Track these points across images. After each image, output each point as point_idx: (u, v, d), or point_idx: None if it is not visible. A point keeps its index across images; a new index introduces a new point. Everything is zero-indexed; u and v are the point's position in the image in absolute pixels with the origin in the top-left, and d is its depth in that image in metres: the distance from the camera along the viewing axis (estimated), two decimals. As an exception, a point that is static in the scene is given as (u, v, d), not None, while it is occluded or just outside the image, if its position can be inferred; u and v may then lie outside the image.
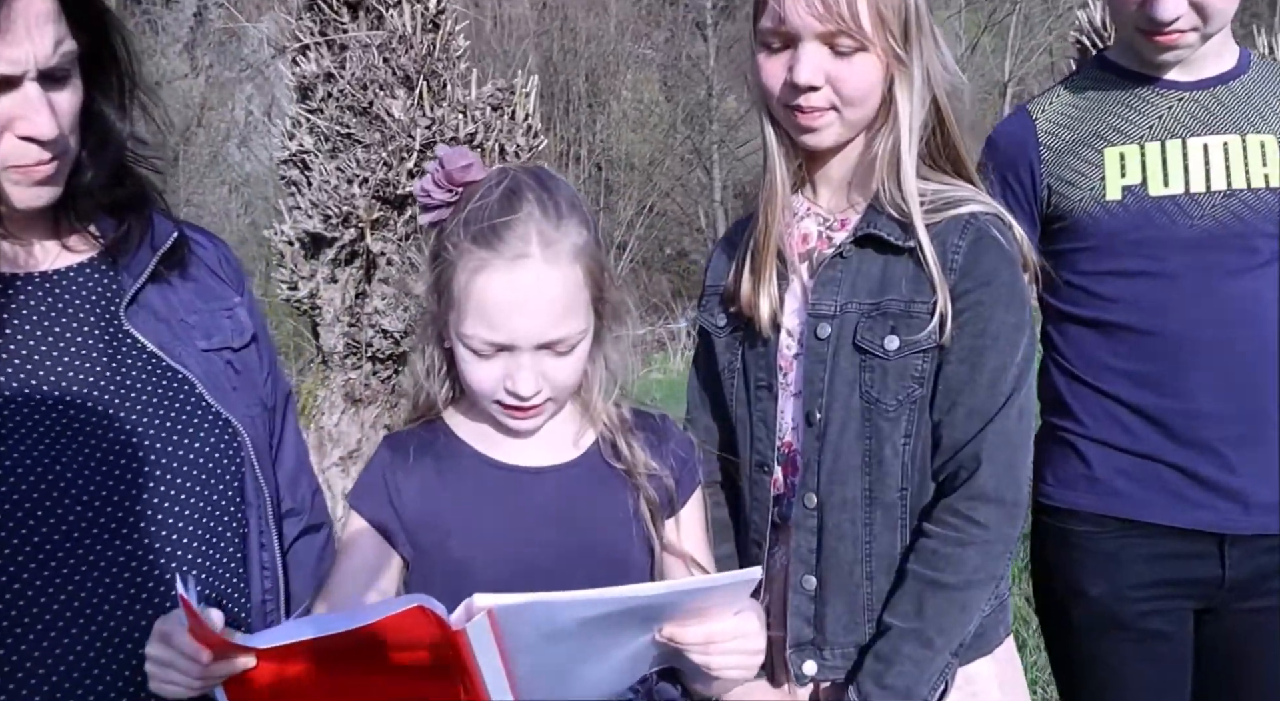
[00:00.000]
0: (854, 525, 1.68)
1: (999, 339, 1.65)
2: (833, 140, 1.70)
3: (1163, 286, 1.92)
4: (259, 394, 1.61)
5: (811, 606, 1.70)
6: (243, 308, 1.62)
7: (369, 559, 1.55)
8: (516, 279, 1.45)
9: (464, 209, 1.48)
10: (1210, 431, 1.92)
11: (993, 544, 1.64)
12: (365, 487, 1.57)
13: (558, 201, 1.49)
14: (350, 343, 3.62)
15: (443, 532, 1.53)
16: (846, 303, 1.68)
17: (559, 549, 1.54)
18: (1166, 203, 1.93)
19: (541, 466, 1.58)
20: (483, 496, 1.56)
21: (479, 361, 1.49)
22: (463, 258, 1.45)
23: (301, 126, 3.76)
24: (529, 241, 1.45)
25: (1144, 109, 1.99)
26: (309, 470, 1.70)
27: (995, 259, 1.65)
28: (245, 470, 1.53)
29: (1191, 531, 1.93)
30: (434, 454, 1.58)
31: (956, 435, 1.65)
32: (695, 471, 1.65)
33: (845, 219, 1.76)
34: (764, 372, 1.75)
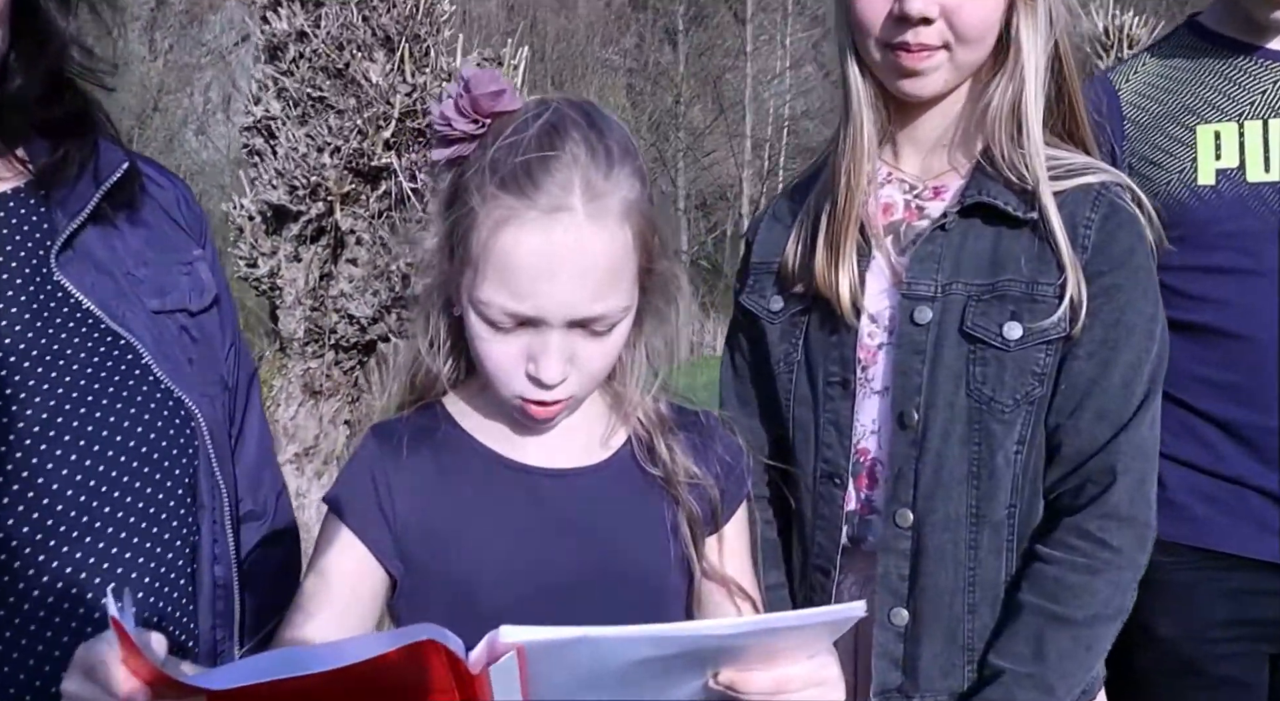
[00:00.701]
0: (956, 547, 1.41)
1: (1134, 331, 1.39)
2: (938, 87, 1.43)
3: (1258, 286, 1.69)
4: (219, 369, 1.32)
5: (901, 645, 1.43)
6: (204, 263, 1.33)
7: (349, 576, 1.26)
8: (553, 237, 1.16)
9: (492, 145, 1.20)
10: None
11: (1124, 571, 1.38)
12: (348, 487, 1.28)
13: (609, 145, 1.21)
14: (312, 328, 3.31)
15: (442, 544, 1.25)
16: (950, 283, 1.42)
17: (582, 568, 1.26)
18: (1266, 190, 1.70)
19: (564, 468, 1.30)
20: (492, 501, 1.27)
21: (496, 336, 1.20)
22: (486, 205, 1.17)
23: (269, 90, 3.45)
24: (571, 191, 1.16)
25: (1245, 82, 1.75)
26: (274, 466, 1.41)
27: (1131, 237, 1.40)
28: (199, 463, 1.24)
29: (1273, 565, 1.71)
30: (433, 447, 1.29)
31: (1081, 443, 1.39)
32: (743, 481, 1.38)
33: (940, 186, 1.49)
34: (837, 365, 1.48)
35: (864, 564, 1.50)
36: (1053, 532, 1.41)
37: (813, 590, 1.52)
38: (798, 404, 1.53)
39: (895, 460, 1.43)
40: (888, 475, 1.45)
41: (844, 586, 1.51)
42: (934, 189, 1.50)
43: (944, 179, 1.49)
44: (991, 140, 1.43)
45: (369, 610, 1.27)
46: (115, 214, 1.26)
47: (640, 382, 1.33)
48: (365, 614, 1.27)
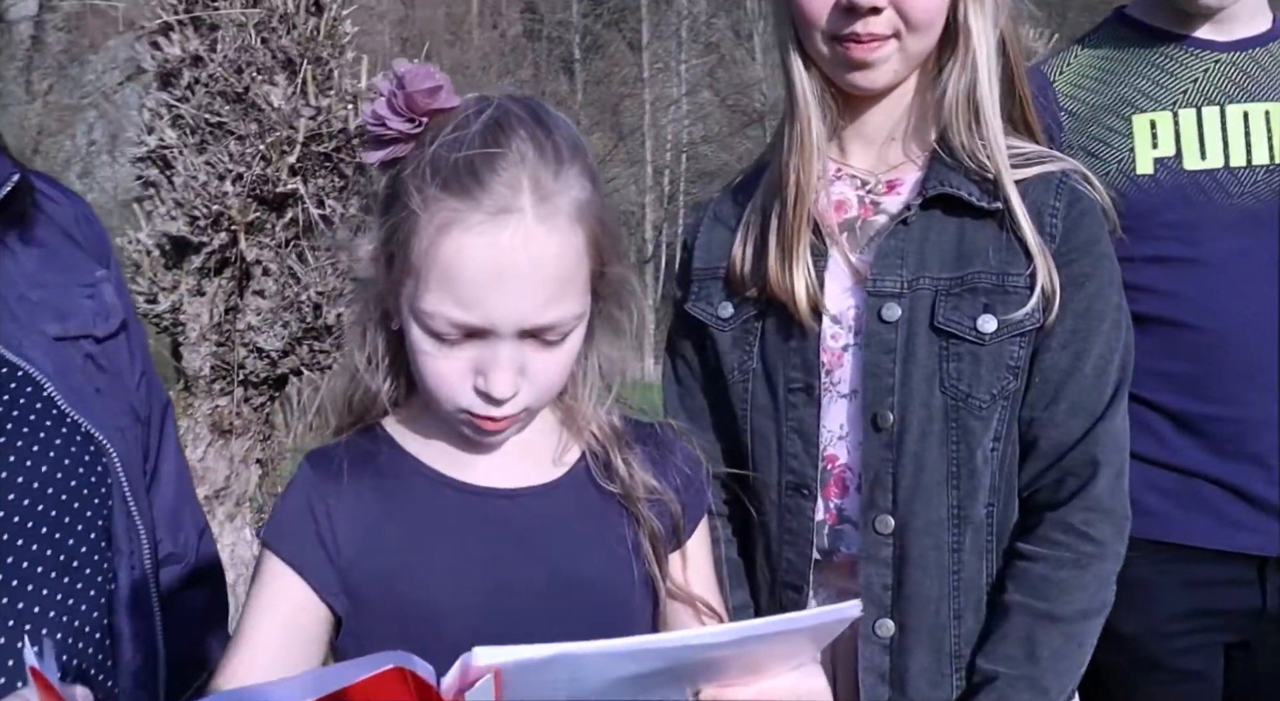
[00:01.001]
0: (940, 552, 1.36)
1: (1104, 320, 1.36)
2: (889, 79, 1.39)
3: (1201, 275, 1.69)
4: (130, 400, 1.21)
5: (887, 658, 1.37)
6: (109, 284, 1.22)
7: (290, 616, 1.15)
8: (500, 241, 1.08)
9: (431, 145, 1.11)
10: (1258, 442, 1.68)
11: (1107, 563, 1.35)
12: (285, 520, 1.17)
13: (557, 142, 1.13)
14: (219, 365, 3.17)
15: (391, 575, 1.16)
16: (916, 278, 1.37)
17: (543, 591, 1.17)
18: (1204, 178, 1.70)
19: (516, 487, 1.22)
20: (443, 526, 1.18)
21: (441, 350, 1.12)
22: (428, 209, 1.09)
23: (163, 118, 3.30)
24: (519, 191, 1.09)
25: (1176, 71, 1.75)
26: (193, 503, 1.30)
27: (1095, 225, 1.37)
28: (114, 503, 1.13)
29: (1231, 555, 1.70)
30: (375, 472, 1.20)
31: (1058, 436, 1.35)
32: (704, 494, 1.31)
33: (894, 180, 1.45)
34: (799, 371, 1.42)
35: (836, 577, 1.44)
36: (1035, 529, 1.37)
37: (782, 608, 1.45)
38: (756, 413, 1.47)
39: (871, 465, 1.38)
40: (860, 482, 1.39)
41: (816, 602, 1.45)
42: (888, 183, 1.46)
43: (897, 172, 1.45)
44: (949, 130, 1.39)
45: (313, 651, 1.18)
46: (5, 232, 1.15)
47: (593, 395, 1.26)
48: (309, 655, 1.17)
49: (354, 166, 3.18)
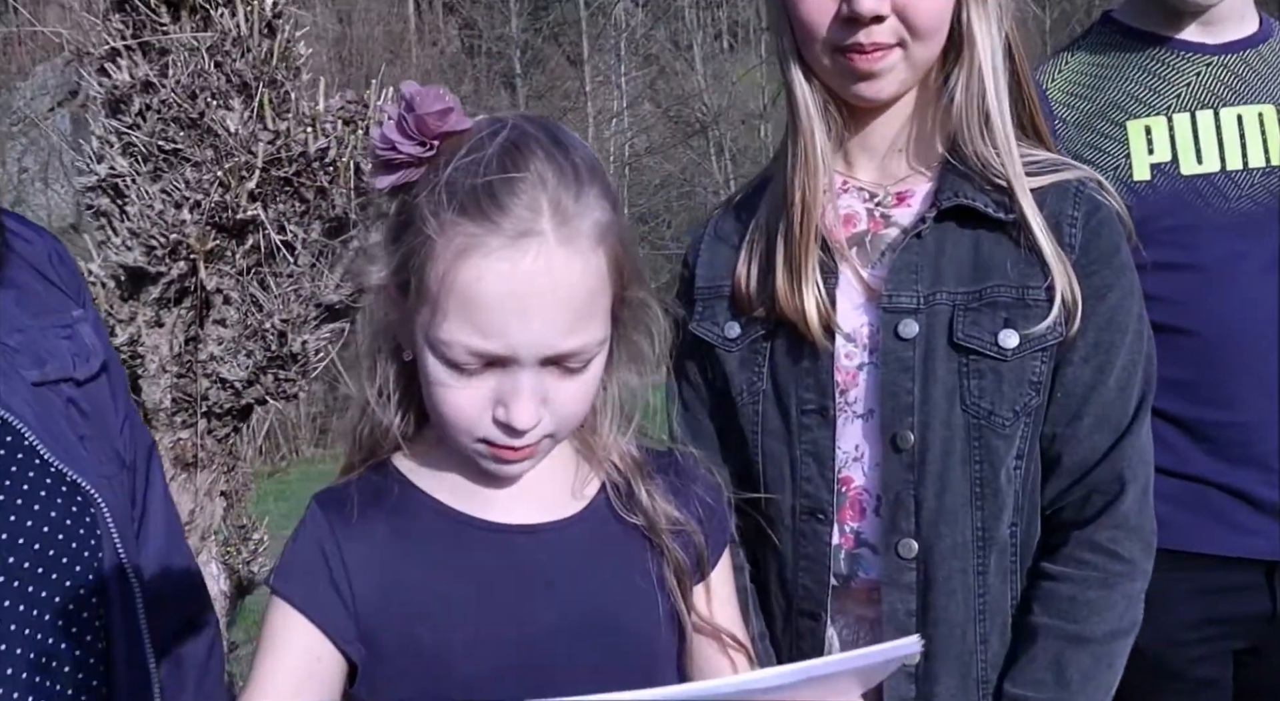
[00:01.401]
0: (965, 575, 1.34)
1: (1127, 332, 1.34)
2: (895, 88, 1.37)
3: (1199, 280, 1.68)
4: (115, 445, 1.15)
5: (913, 686, 1.34)
6: (86, 324, 1.16)
7: (303, 667, 1.10)
8: (521, 266, 1.05)
9: (446, 167, 1.07)
10: (1261, 444, 1.68)
11: (1136, 582, 1.33)
12: (295, 565, 1.12)
13: (575, 163, 1.10)
14: (180, 397, 3.08)
15: (409, 619, 1.11)
16: (933, 293, 1.34)
17: (567, 630, 1.13)
18: (1200, 182, 1.70)
19: (536, 523, 1.17)
20: (461, 565, 1.14)
21: (459, 380, 1.07)
22: (444, 234, 1.05)
23: (113, 146, 3.21)
24: (539, 214, 1.05)
25: (1168, 76, 1.75)
26: (182, 547, 1.23)
27: (1115, 235, 1.36)
28: (104, 554, 1.06)
29: (1239, 560, 1.69)
30: (388, 512, 1.15)
31: (1083, 452, 1.33)
32: (726, 523, 1.28)
33: (904, 192, 1.42)
34: (812, 392, 1.39)
35: (855, 604, 1.41)
36: (1061, 549, 1.35)
37: (799, 637, 1.41)
38: (767, 436, 1.43)
39: (891, 487, 1.34)
40: (879, 504, 1.36)
41: (835, 629, 1.41)
42: (897, 195, 1.43)
43: (907, 184, 1.43)
44: (960, 138, 1.37)
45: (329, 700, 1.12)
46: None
47: (614, 424, 1.22)
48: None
49: (315, 191, 3.11)
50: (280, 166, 3.02)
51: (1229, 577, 1.71)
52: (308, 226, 3.13)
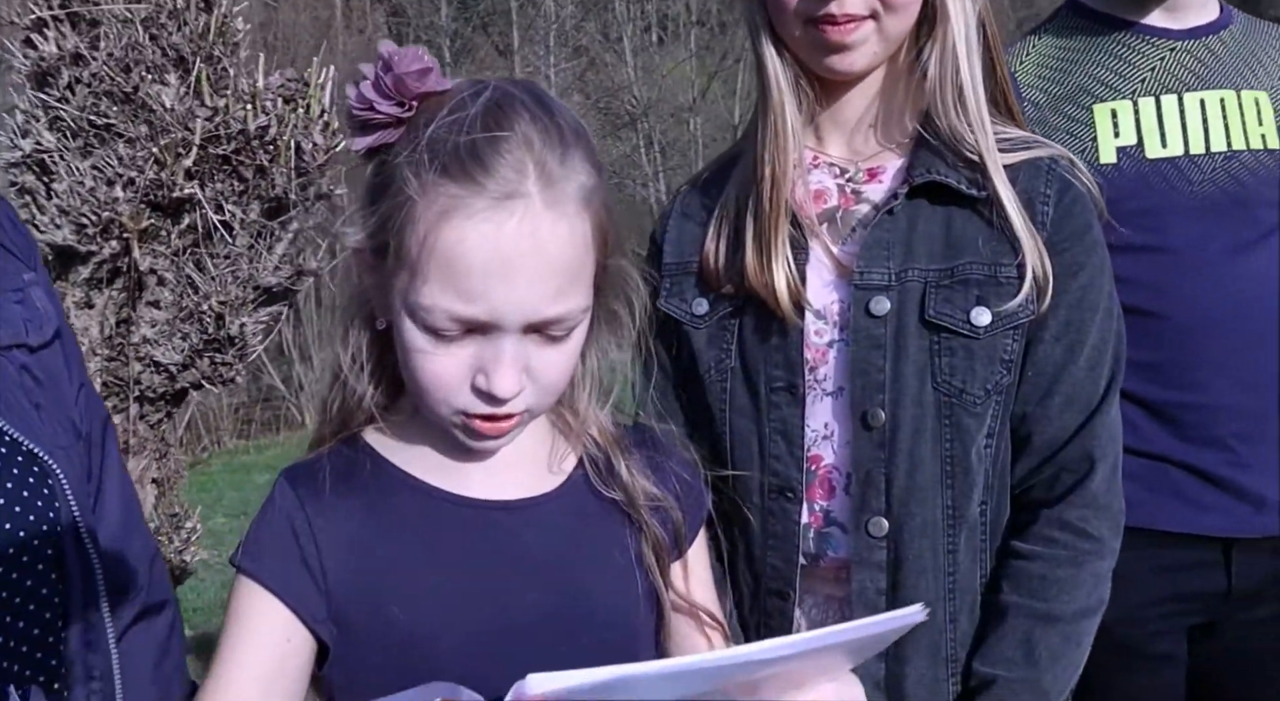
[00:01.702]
0: (935, 554, 1.33)
1: (1097, 310, 1.35)
2: (868, 61, 1.36)
3: (1164, 262, 1.71)
4: (70, 414, 1.09)
5: (882, 665, 1.33)
6: (39, 288, 1.11)
7: (273, 647, 1.06)
8: (506, 228, 1.01)
9: (427, 127, 1.04)
10: (1223, 426, 1.70)
11: (1104, 560, 1.34)
12: (264, 543, 1.08)
13: (560, 126, 1.07)
14: (112, 380, 2.99)
15: (384, 598, 1.07)
16: (904, 270, 1.34)
17: (546, 609, 1.11)
18: (1165, 166, 1.72)
19: (512, 499, 1.14)
20: (437, 542, 1.10)
21: (439, 347, 1.04)
22: (426, 195, 1.01)
23: (39, 121, 3.10)
24: (525, 175, 1.02)
25: (1133, 59, 1.77)
26: (142, 529, 1.18)
27: (1087, 213, 1.36)
28: (62, 527, 1.01)
29: (1197, 538, 1.72)
30: (359, 486, 1.11)
31: (1053, 431, 1.33)
32: (703, 499, 1.26)
33: (875, 168, 1.41)
34: (781, 369, 1.37)
35: (823, 583, 1.40)
36: (1030, 527, 1.35)
37: (768, 616, 1.40)
38: (735, 413, 1.42)
39: (861, 465, 1.34)
40: (849, 483, 1.35)
41: (803, 609, 1.40)
42: (869, 171, 1.42)
43: (878, 160, 1.42)
44: (934, 112, 1.36)
45: (299, 684, 1.09)
46: None
47: (593, 397, 1.19)
48: (295, 689, 1.08)
49: (254, 170, 3.03)
50: (218, 144, 2.94)
51: (1188, 555, 1.73)
52: (246, 206, 3.04)
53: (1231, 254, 1.71)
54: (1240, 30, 1.79)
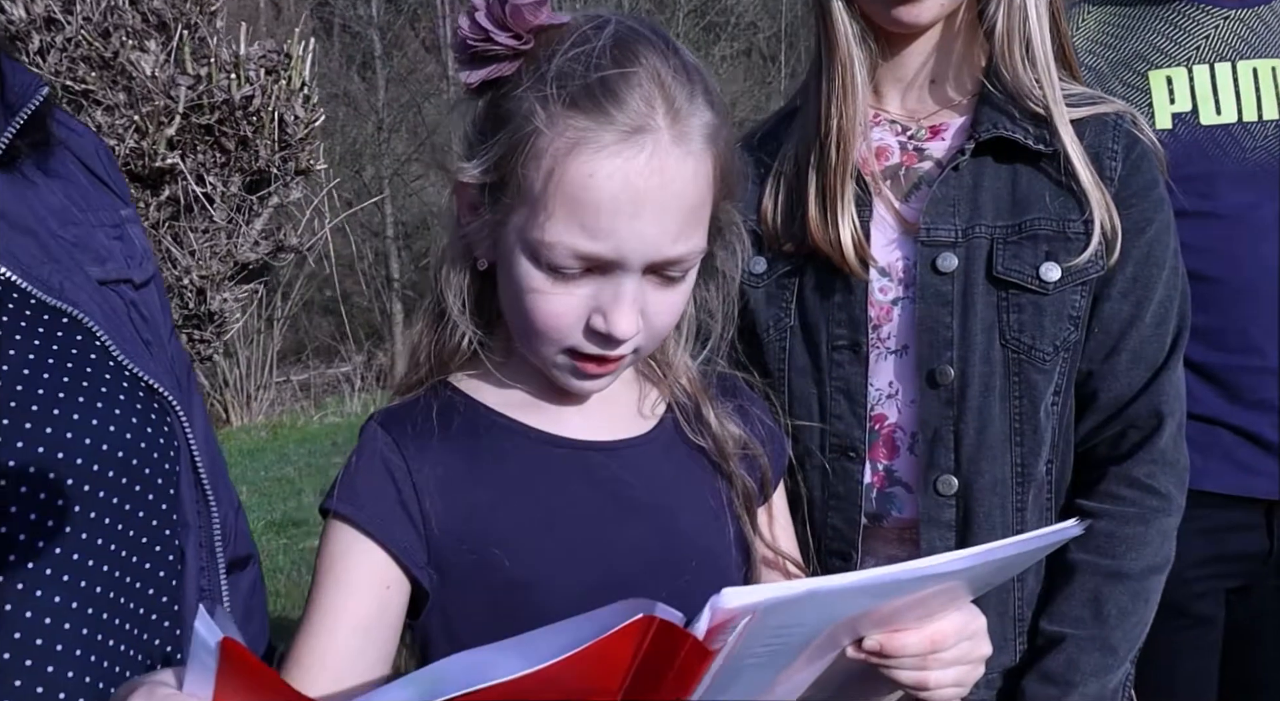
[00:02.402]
0: (1005, 512, 1.33)
1: (1164, 267, 1.35)
2: (935, 13, 1.35)
3: (1216, 227, 1.73)
4: (167, 357, 1.05)
5: None
6: (136, 225, 1.06)
7: (372, 593, 1.02)
8: (636, 163, 0.98)
9: (550, 60, 1.01)
10: (1274, 389, 1.74)
11: (1172, 517, 1.34)
12: (360, 487, 1.04)
13: (685, 62, 1.05)
14: (85, 357, 2.87)
15: (489, 542, 1.04)
16: (971, 226, 1.33)
17: (648, 553, 1.09)
18: (1219, 132, 1.75)
19: (611, 440, 1.12)
20: (541, 484, 1.08)
21: (557, 286, 1.01)
22: (553, 127, 0.98)
23: (7, 87, 2.98)
24: (655, 108, 1.00)
25: (1188, 27, 1.80)
26: (226, 479, 1.14)
27: (1154, 169, 1.36)
28: (181, 468, 0.97)
29: (1241, 499, 1.74)
30: (456, 430, 1.08)
31: (1119, 388, 1.34)
32: (785, 446, 1.25)
33: (939, 125, 1.41)
34: (845, 327, 1.36)
35: (885, 544, 1.40)
36: (1097, 485, 1.35)
37: None
38: (794, 373, 1.41)
39: (929, 423, 1.33)
40: (914, 442, 1.35)
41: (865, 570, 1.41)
42: (931, 129, 1.42)
43: (940, 117, 1.42)
44: (1001, 66, 1.36)
45: (395, 631, 1.06)
46: (25, 158, 0.97)
47: (688, 344, 1.18)
48: (392, 636, 1.05)
49: (237, 141, 2.97)
50: (201, 113, 2.87)
51: (1232, 517, 1.76)
52: (227, 179, 2.98)
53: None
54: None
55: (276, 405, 15.05)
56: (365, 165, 21.69)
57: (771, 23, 20.84)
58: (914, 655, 0.99)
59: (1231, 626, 1.81)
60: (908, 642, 0.99)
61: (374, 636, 1.04)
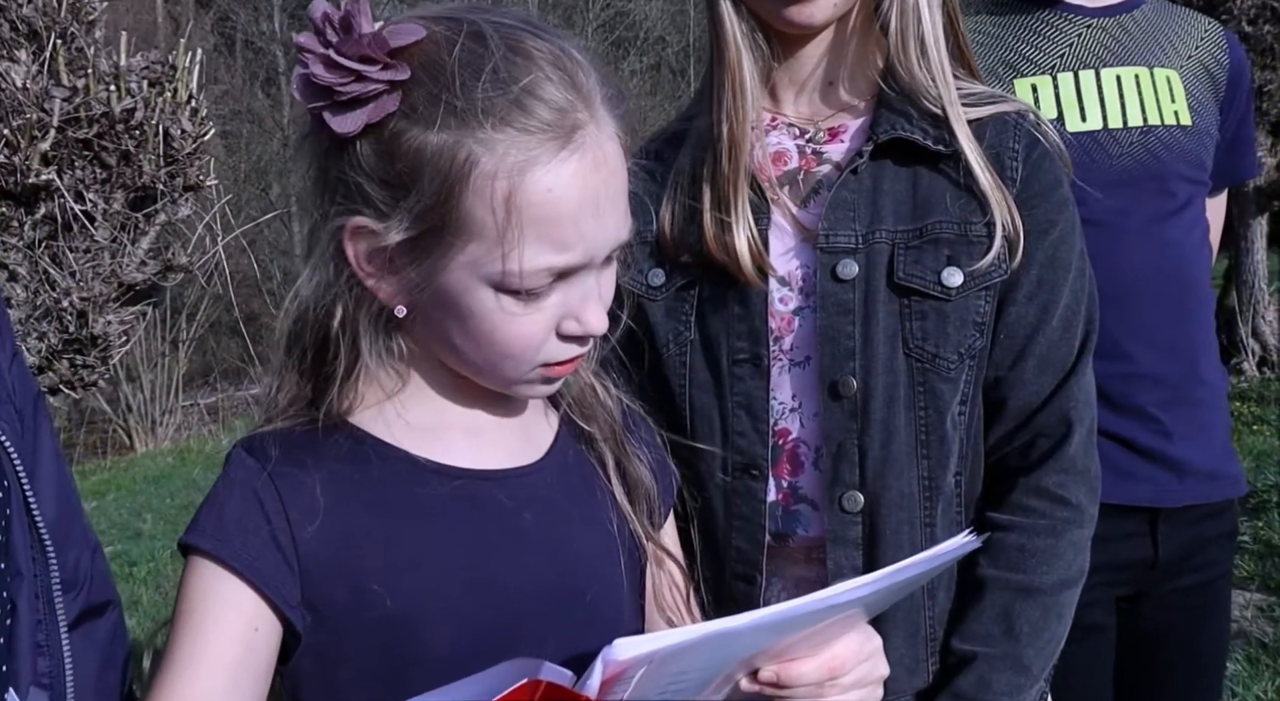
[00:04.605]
0: (913, 528, 1.28)
1: (1069, 269, 1.32)
2: (828, 13, 1.31)
3: (1086, 234, 1.73)
4: (5, 388, 0.96)
5: None
6: None
7: (240, 636, 0.94)
8: (585, 162, 0.95)
9: (446, 86, 0.94)
10: (1146, 395, 1.74)
11: (1084, 528, 1.31)
12: (227, 520, 0.95)
13: (555, 39, 1.00)
14: (-43, 386, 2.71)
15: (362, 575, 0.97)
16: (871, 231, 1.29)
17: (540, 587, 1.03)
18: (1085, 139, 1.75)
19: (501, 468, 1.06)
20: (421, 515, 1.01)
21: (527, 306, 0.97)
22: (492, 153, 0.92)
23: None
24: (573, 102, 0.95)
25: (1052, 36, 1.81)
26: (80, 515, 1.04)
27: (1056, 169, 1.34)
28: (11, 512, 0.88)
29: (1125, 508, 1.74)
30: (331, 457, 1.01)
31: (1027, 395, 1.30)
32: (671, 472, 1.20)
33: (836, 127, 1.37)
34: (745, 340, 1.31)
35: (791, 564, 1.35)
36: (1006, 496, 1.31)
37: (734, 601, 1.34)
38: (695, 388, 1.35)
39: (833, 437, 1.28)
40: (818, 457, 1.30)
41: (771, 593, 1.35)
42: (829, 131, 1.38)
43: (838, 119, 1.38)
44: (896, 65, 1.32)
45: (265, 677, 0.97)
46: None
47: (590, 361, 1.12)
48: (262, 682, 0.97)
49: (118, 156, 2.83)
50: (79, 127, 2.73)
51: (1115, 525, 1.76)
52: (109, 195, 2.84)
53: (1151, 225, 1.76)
54: (1151, 10, 1.86)
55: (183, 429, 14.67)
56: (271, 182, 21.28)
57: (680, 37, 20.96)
58: (811, 683, 0.95)
59: (1124, 634, 1.81)
60: (804, 671, 0.95)
61: (241, 684, 0.95)
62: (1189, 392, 1.78)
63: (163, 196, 2.88)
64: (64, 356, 2.80)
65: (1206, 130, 1.83)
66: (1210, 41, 1.88)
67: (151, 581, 6.40)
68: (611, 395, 1.16)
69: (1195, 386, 1.79)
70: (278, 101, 20.61)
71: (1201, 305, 1.85)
